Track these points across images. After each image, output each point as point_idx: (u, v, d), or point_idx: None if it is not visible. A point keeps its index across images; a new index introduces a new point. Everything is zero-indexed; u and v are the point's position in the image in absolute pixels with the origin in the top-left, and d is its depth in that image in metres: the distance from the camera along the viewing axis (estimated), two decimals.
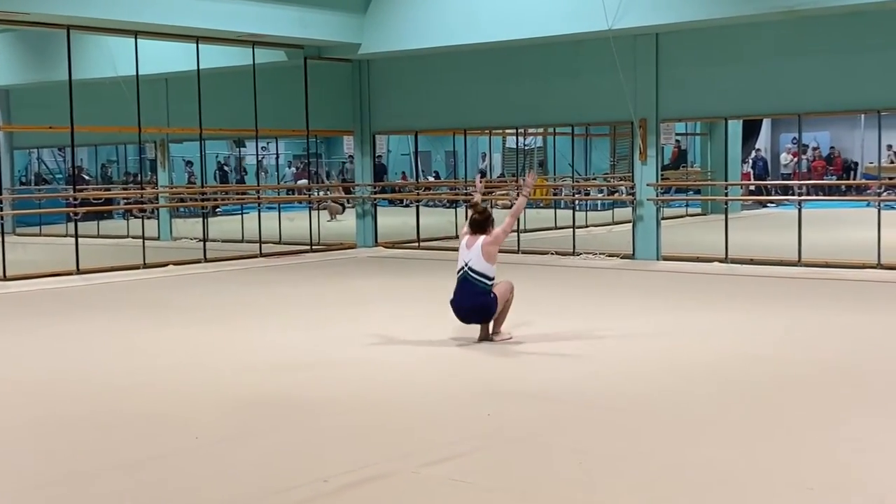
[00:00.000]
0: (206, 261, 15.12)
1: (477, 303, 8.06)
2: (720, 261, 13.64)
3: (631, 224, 14.67)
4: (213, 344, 8.61)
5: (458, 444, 5.47)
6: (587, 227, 18.50)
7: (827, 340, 8.35)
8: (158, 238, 18.66)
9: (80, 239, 13.99)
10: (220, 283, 13.05)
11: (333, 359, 7.82)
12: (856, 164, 27.64)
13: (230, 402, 6.47)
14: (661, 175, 15.01)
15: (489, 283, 8.08)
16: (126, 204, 19.72)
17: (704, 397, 6.47)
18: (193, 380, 7.20)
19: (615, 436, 5.61)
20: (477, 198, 8.83)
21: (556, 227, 18.61)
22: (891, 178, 21.90)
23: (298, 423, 5.98)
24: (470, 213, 8.39)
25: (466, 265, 8.10)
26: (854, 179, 26.85)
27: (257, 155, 18.44)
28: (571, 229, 15.63)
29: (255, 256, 15.79)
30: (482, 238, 8.10)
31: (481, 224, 8.17)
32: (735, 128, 20.94)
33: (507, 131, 23.03)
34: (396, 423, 5.95)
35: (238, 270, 14.36)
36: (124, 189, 22.72)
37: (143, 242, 14.92)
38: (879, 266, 12.54)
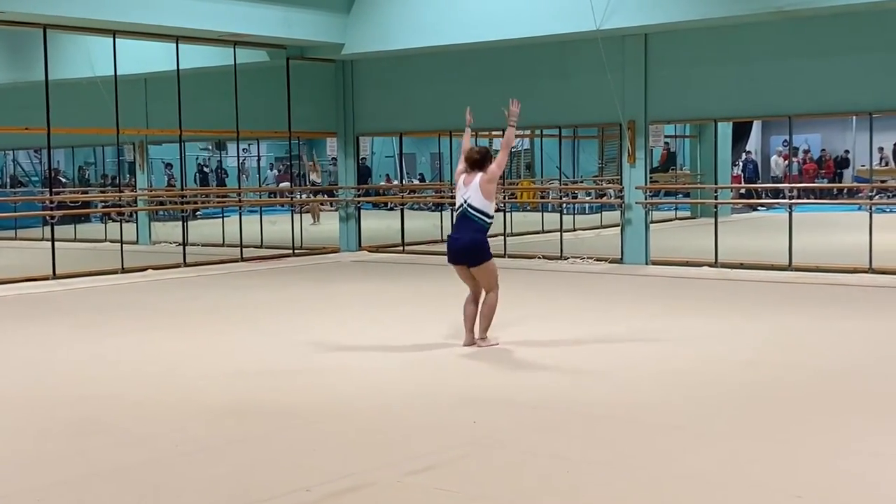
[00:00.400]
0: (186, 265, 15.09)
1: (474, 240, 8.10)
2: (710, 265, 13.69)
3: (619, 228, 14.71)
4: (192, 350, 8.59)
5: (442, 452, 5.47)
6: (575, 230, 18.53)
7: (817, 346, 8.39)
8: (137, 242, 18.61)
9: (56, 243, 13.94)
10: (201, 288, 13.01)
11: (315, 365, 7.81)
12: (846, 159, 27.75)
13: (209, 410, 6.45)
14: (650, 178, 15.07)
15: (488, 220, 8.16)
16: (104, 207, 19.64)
17: (692, 404, 6.49)
18: (172, 387, 7.18)
19: (602, 443, 5.62)
20: (467, 136, 8.97)
21: (543, 231, 18.63)
22: (883, 182, 22.04)
23: (279, 432, 5.97)
24: (463, 159, 8.41)
25: (466, 202, 8.18)
26: (847, 174, 27.02)
27: (238, 157, 18.39)
28: (559, 233, 15.66)
29: (236, 261, 15.76)
30: (479, 175, 8.17)
31: (479, 162, 8.26)
32: (725, 130, 21.03)
33: (494, 133, 23.04)
34: (380, 431, 5.94)
35: (219, 275, 14.33)
36: (102, 192, 22.64)
37: (122, 246, 14.87)
38: (871, 271, 12.61)
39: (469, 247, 8.13)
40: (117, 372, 7.75)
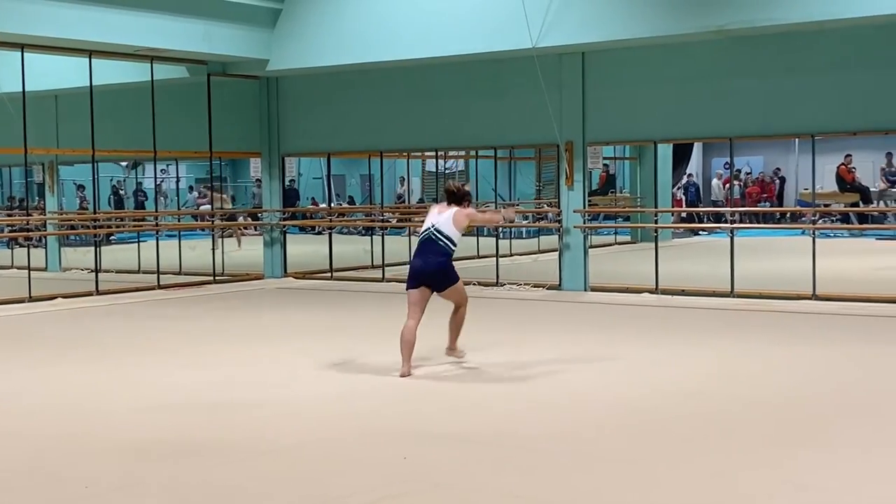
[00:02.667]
0: (99, 293, 14.87)
1: (441, 263, 8.46)
2: (650, 291, 13.86)
3: (557, 253, 14.83)
4: (103, 385, 8.45)
5: (373, 490, 5.45)
6: (511, 255, 18.63)
7: (759, 375, 8.53)
8: (46, 269, 18.28)
9: None
10: (114, 318, 12.82)
11: (237, 399, 7.74)
12: (781, 177, 28.37)
13: (123, 448, 6.34)
14: (589, 201, 15.23)
15: (452, 247, 8.54)
16: (10, 231, 19.27)
17: (631, 435, 6.56)
18: (82, 423, 7.05)
19: (541, 478, 5.64)
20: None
21: (478, 256, 18.71)
22: (826, 205, 22.55)
23: (199, 470, 5.89)
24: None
25: (433, 226, 8.53)
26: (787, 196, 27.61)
27: (155, 178, 18.20)
28: (495, 258, 15.73)
29: (152, 288, 15.57)
30: (456, 210, 8.57)
31: (456, 198, 8.65)
32: (665, 152, 21.35)
33: (427, 154, 23.16)
34: (305, 469, 5.90)
35: (134, 304, 14.14)
36: (8, 215, 22.20)
37: (29, 273, 14.61)
38: (815, 297, 12.87)
39: (439, 270, 8.47)
40: (21, 407, 7.59)
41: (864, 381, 8.30)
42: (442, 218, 8.54)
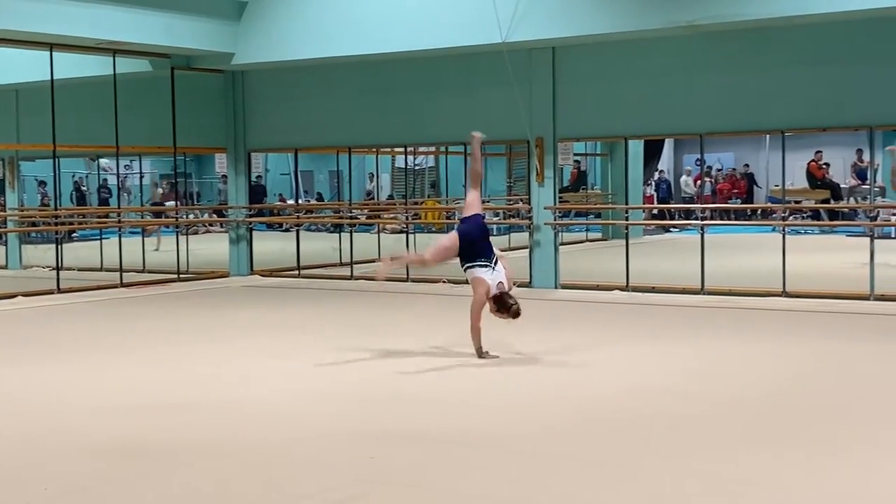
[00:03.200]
0: (60, 291, 14.76)
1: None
2: (621, 289, 13.93)
3: (528, 250, 14.87)
4: (65, 384, 8.41)
5: (336, 490, 5.45)
6: None
7: (727, 373, 8.59)
8: (6, 266, 18.14)
9: None
10: (76, 317, 12.75)
11: (200, 399, 7.71)
12: (751, 174, 28.55)
13: (84, 449, 6.32)
14: (560, 198, 15.28)
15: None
16: None
17: (598, 435, 6.60)
18: (42, 424, 7.01)
19: (508, 478, 5.67)
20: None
21: None
22: (797, 202, 22.74)
23: (162, 472, 5.88)
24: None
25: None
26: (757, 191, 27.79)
27: (118, 174, 18.09)
28: None
29: (115, 287, 15.47)
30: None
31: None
32: (636, 148, 21.43)
33: (397, 150, 23.13)
34: (269, 469, 5.89)
35: (96, 302, 14.05)
36: None
37: None
38: (784, 294, 12.98)
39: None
40: None
41: (833, 378, 8.39)
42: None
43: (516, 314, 8.86)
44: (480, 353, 9.00)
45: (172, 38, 15.04)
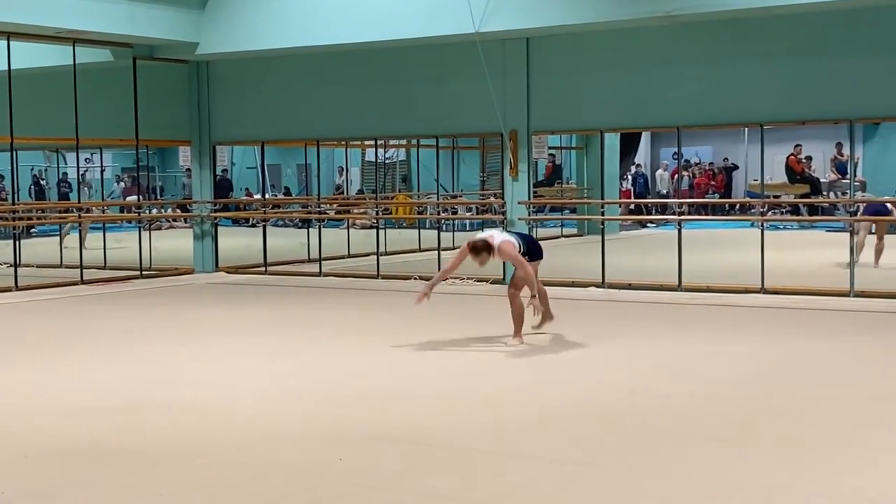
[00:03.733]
0: (18, 289, 14.63)
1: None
2: (597, 286, 13.94)
3: None
4: (21, 384, 8.33)
5: (307, 493, 5.40)
6: (454, 248, 18.61)
7: (702, 371, 8.60)
8: None
9: None
10: (34, 315, 12.64)
11: (162, 400, 7.65)
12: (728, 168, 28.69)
13: (42, 452, 6.24)
14: (534, 192, 15.27)
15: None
16: None
17: (570, 434, 6.59)
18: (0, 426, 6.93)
19: (475, 479, 5.64)
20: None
21: (420, 250, 18.70)
22: (776, 197, 22.86)
23: (122, 475, 5.81)
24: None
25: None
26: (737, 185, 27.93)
27: (78, 168, 17.93)
28: (437, 252, 15.71)
29: (75, 284, 15.35)
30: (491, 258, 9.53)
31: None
32: (612, 141, 21.48)
33: (367, 143, 23.08)
34: (236, 472, 5.85)
35: (55, 300, 13.94)
36: None
37: None
38: (763, 291, 13.03)
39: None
40: None
41: (810, 377, 8.41)
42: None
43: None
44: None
45: (134, 27, 14.92)
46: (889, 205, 14.77)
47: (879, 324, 11.12)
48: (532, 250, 9.91)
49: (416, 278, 15.11)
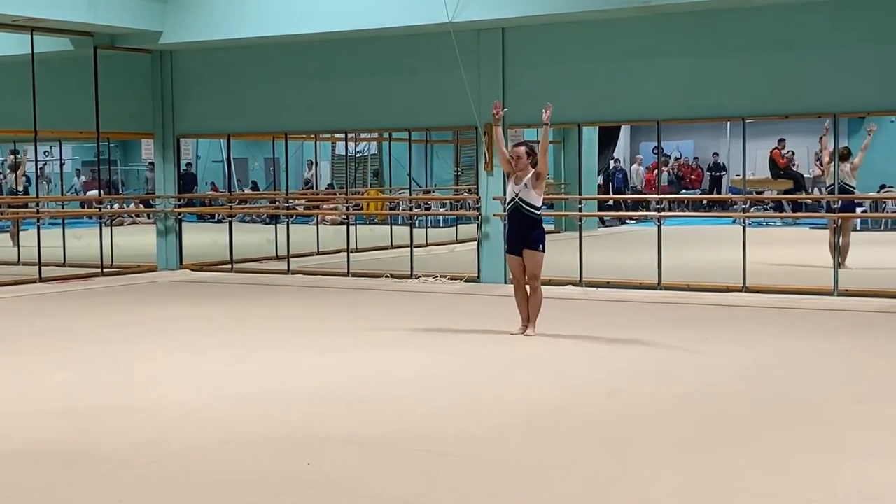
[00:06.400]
0: None
1: (526, 227, 10.05)
2: (574, 284, 13.99)
3: (476, 243, 14.88)
4: None
5: (271, 499, 5.40)
6: (427, 246, 18.65)
7: (680, 371, 8.64)
8: None
9: None
10: None
11: (123, 403, 7.63)
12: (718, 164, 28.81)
13: None
14: None
15: (537, 213, 10.04)
16: None
17: (541, 437, 6.62)
18: None
19: (442, 483, 5.67)
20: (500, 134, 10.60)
21: (392, 247, 18.69)
22: (759, 192, 23.00)
23: (79, 481, 5.80)
24: (513, 149, 10.19)
25: (517, 196, 10.02)
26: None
27: (36, 161, 17.82)
28: (409, 249, 15.73)
29: (33, 282, 15.28)
30: (529, 174, 9.96)
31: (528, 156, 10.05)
32: (590, 135, 21.56)
33: (337, 136, 23.03)
34: (200, 477, 5.85)
35: (11, 298, 13.86)
36: None
37: None
38: (745, 289, 13.10)
39: (524, 237, 10.02)
40: None
41: (790, 378, 8.46)
42: (520, 187, 9.96)
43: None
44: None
45: (95, 15, 14.85)
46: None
47: (863, 323, 11.21)
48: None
49: (387, 276, 15.14)
